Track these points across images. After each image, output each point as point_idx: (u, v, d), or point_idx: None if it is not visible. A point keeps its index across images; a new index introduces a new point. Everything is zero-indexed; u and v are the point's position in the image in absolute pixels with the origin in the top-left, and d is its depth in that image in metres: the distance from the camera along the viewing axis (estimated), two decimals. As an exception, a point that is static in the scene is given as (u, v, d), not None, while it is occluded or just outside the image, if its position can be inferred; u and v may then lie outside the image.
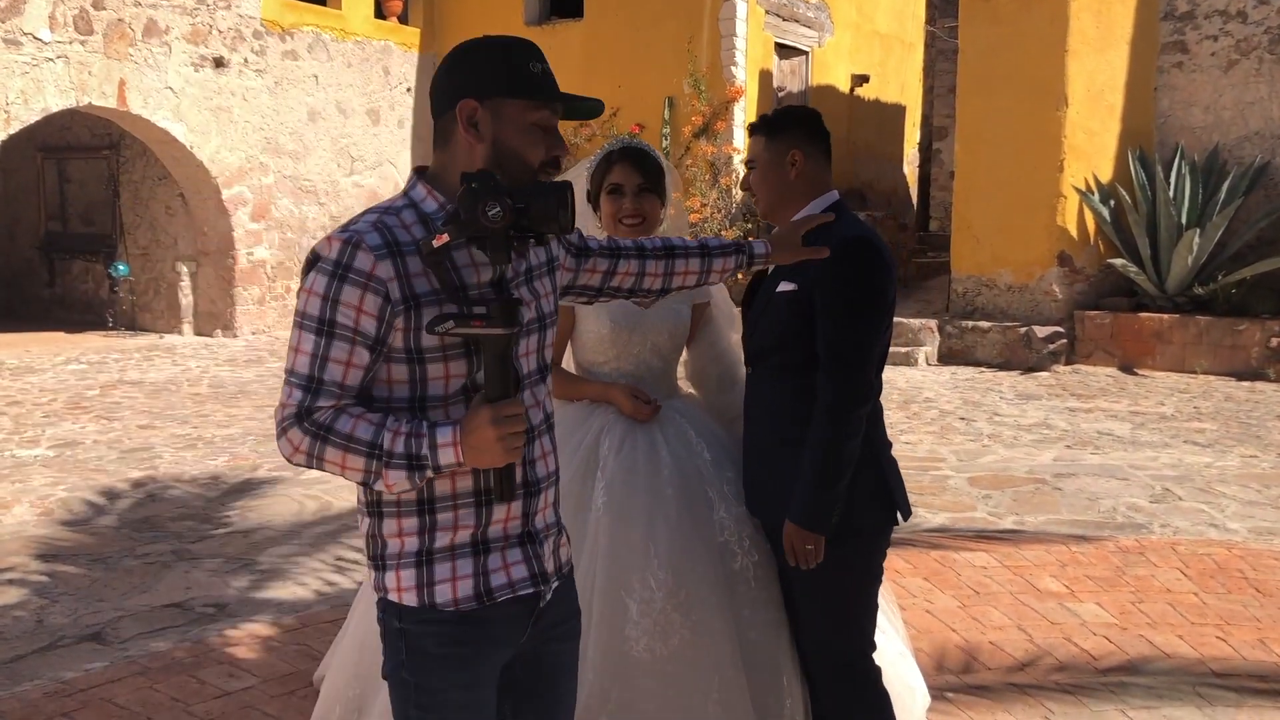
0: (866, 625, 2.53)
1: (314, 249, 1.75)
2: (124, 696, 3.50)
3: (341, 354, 1.71)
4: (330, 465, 1.72)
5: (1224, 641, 4.03)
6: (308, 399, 1.71)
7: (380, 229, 1.74)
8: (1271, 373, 10.34)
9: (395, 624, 1.83)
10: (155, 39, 12.17)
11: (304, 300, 1.73)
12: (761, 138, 2.59)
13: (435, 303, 1.73)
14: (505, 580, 1.84)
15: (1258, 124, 11.54)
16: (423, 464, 1.70)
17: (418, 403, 1.78)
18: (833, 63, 15.97)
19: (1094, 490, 6.28)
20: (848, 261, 2.42)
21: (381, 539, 1.83)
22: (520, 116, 1.79)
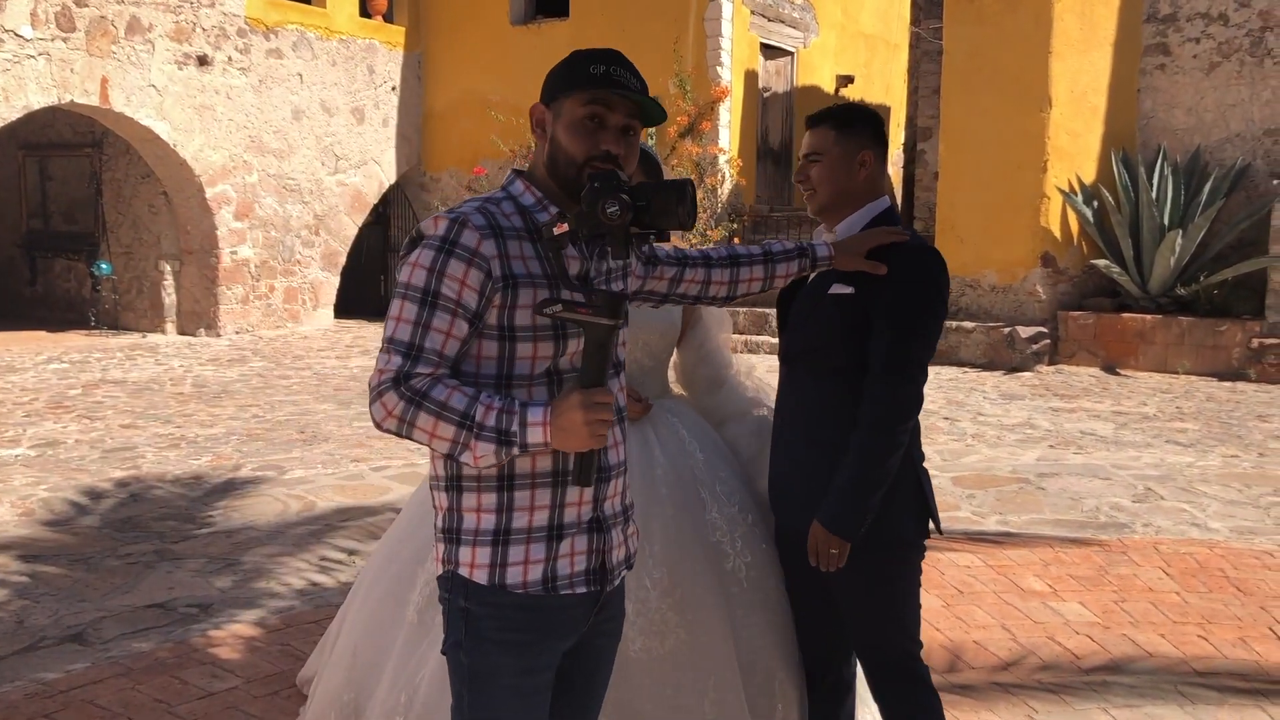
0: (912, 628, 2.51)
1: (418, 228, 1.85)
2: (106, 697, 3.48)
3: (443, 324, 1.79)
4: (420, 432, 1.77)
5: (1205, 640, 4.05)
6: (407, 364, 1.78)
7: (484, 213, 1.85)
8: (1252, 373, 10.42)
9: (460, 602, 1.88)
10: (138, 36, 12.11)
11: (408, 272, 1.81)
12: (831, 132, 2.50)
13: (530, 285, 1.82)
14: (569, 570, 1.89)
15: (1239, 126, 11.62)
16: (511, 440, 1.76)
17: (504, 380, 1.85)
18: (818, 63, 16.01)
19: (1077, 490, 6.31)
20: (916, 271, 2.39)
21: (459, 513, 1.88)
22: (571, 111, 1.87)
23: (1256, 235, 11.05)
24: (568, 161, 1.87)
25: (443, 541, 1.92)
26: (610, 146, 1.86)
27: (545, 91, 1.93)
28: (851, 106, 2.57)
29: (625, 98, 1.87)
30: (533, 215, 1.89)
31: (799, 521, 2.49)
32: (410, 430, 1.78)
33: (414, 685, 2.56)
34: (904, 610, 2.49)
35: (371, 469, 6.71)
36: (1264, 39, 11.46)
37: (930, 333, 2.40)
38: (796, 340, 2.53)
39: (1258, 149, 11.54)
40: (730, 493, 2.69)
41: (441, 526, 1.93)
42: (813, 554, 2.40)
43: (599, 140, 1.86)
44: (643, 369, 2.80)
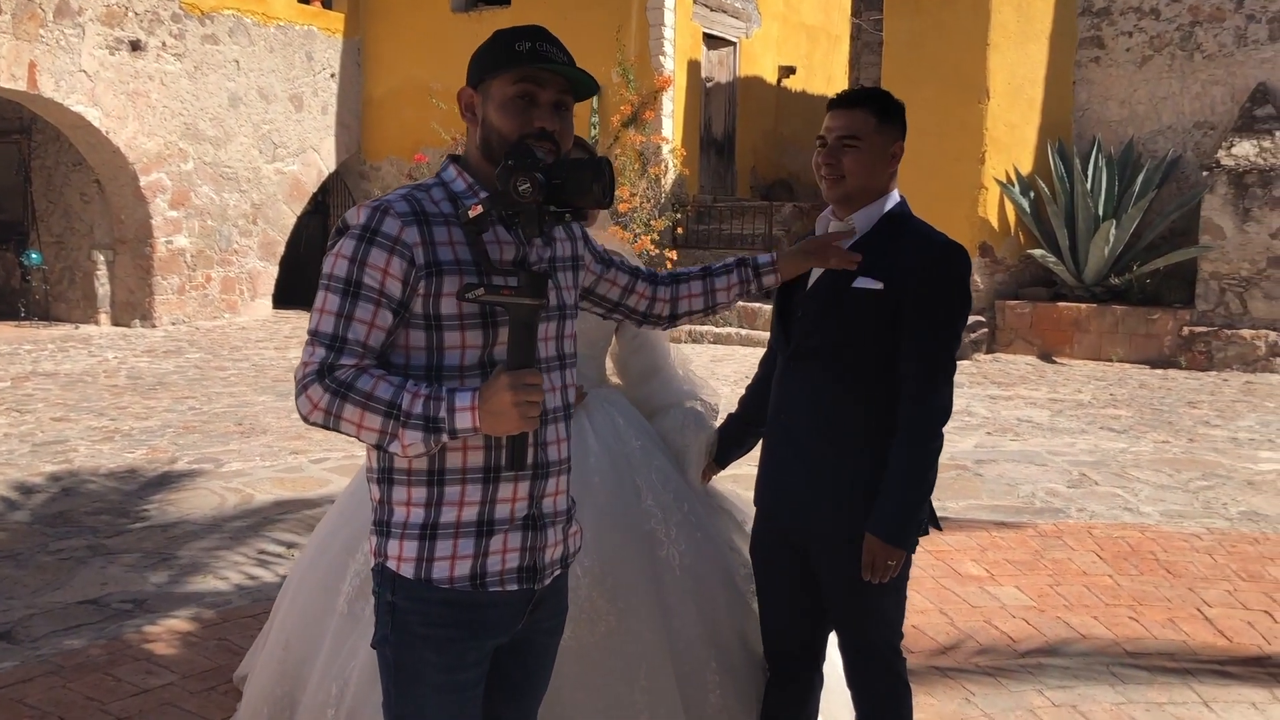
0: (896, 618, 2.50)
1: (343, 218, 1.84)
2: (35, 696, 3.40)
3: (366, 314, 1.78)
4: (347, 424, 1.76)
5: (1136, 621, 4.14)
6: (331, 356, 1.77)
7: (409, 199, 1.83)
8: (1183, 360, 10.66)
9: (388, 597, 1.86)
10: (68, 20, 11.82)
11: (331, 263, 1.80)
12: (872, 118, 2.37)
13: (457, 272, 1.80)
14: (499, 568, 1.86)
15: (1170, 118, 11.86)
16: (439, 426, 1.74)
17: (434, 372, 1.83)
18: (760, 54, 16.06)
19: (1014, 476, 6.41)
20: (952, 269, 2.35)
21: (390, 505, 1.87)
22: (501, 92, 1.85)
23: (1187, 225, 11.30)
24: (502, 142, 1.84)
25: (375, 534, 1.91)
26: (544, 123, 1.84)
27: (471, 74, 1.90)
28: (887, 93, 2.46)
29: (555, 72, 1.84)
30: (463, 201, 1.87)
31: (806, 520, 2.44)
32: (337, 422, 1.77)
33: (345, 676, 2.54)
34: (893, 607, 2.49)
35: (310, 461, 6.63)
36: (1194, 33, 11.70)
37: (961, 329, 2.38)
38: (812, 336, 2.42)
39: (1188, 141, 11.79)
40: (665, 481, 2.68)
41: (374, 519, 1.91)
42: (867, 568, 2.32)
43: (532, 118, 1.84)
44: (579, 358, 2.79)
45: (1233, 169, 10.78)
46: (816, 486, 2.42)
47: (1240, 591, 4.46)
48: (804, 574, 2.50)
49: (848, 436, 2.39)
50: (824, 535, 2.43)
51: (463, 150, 1.96)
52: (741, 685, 2.64)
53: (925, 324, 2.32)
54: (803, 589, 2.51)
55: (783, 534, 2.52)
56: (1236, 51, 11.53)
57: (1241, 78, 11.50)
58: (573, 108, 1.91)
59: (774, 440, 2.54)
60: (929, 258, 2.34)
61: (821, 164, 2.41)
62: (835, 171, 2.38)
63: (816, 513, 2.43)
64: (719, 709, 2.59)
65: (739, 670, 2.65)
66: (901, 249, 2.36)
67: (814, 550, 2.47)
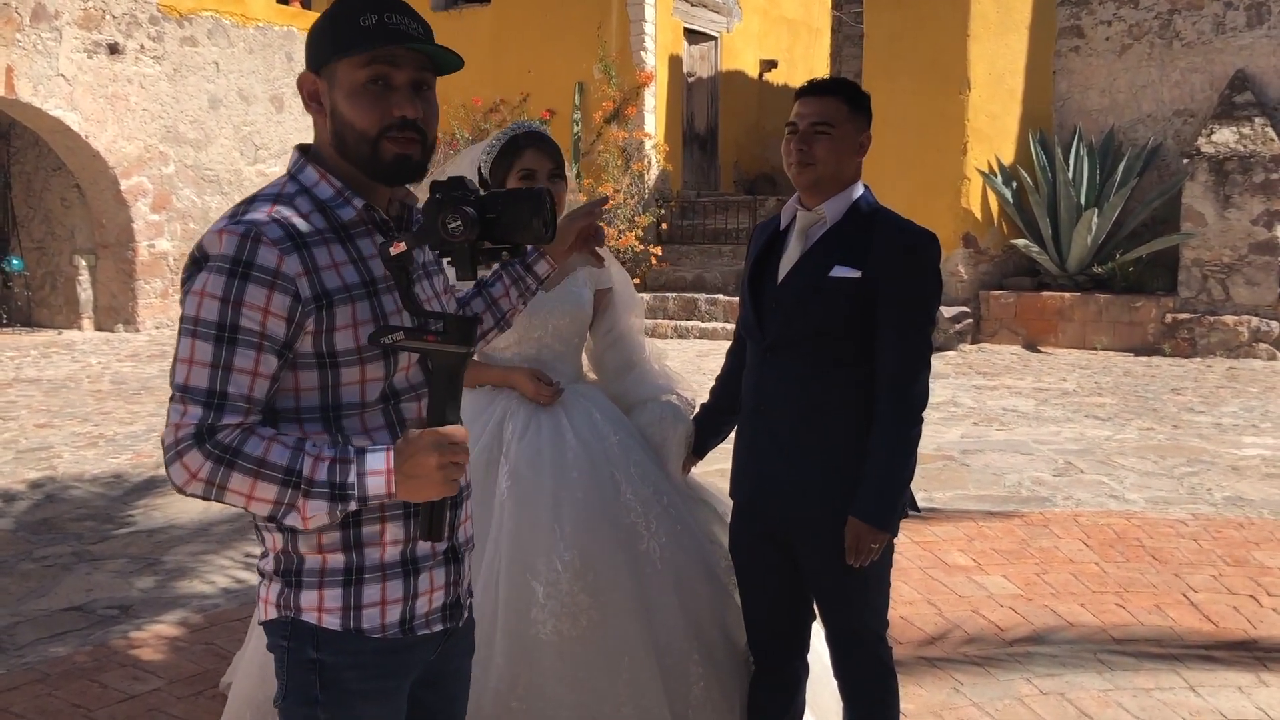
0: (883, 610, 2.52)
1: (200, 246, 1.56)
2: (20, 705, 3.38)
3: (247, 362, 1.53)
4: (234, 495, 1.52)
5: (1123, 608, 4.16)
6: (209, 416, 1.51)
7: (278, 219, 1.57)
8: (1167, 348, 10.70)
9: (310, 654, 1.64)
10: (44, 24, 11.74)
11: (196, 304, 1.53)
12: (844, 106, 2.37)
13: (348, 301, 1.59)
14: (426, 609, 1.71)
15: (1150, 107, 11.91)
16: (347, 494, 1.52)
17: (330, 412, 1.61)
18: (741, 48, 16.07)
19: (1000, 465, 6.43)
20: (923, 253, 2.36)
21: (296, 554, 1.64)
22: (350, 77, 1.60)
23: (1168, 213, 11.35)
24: (359, 138, 1.60)
25: (277, 583, 1.66)
26: (405, 111, 1.60)
27: (311, 56, 1.64)
28: (853, 82, 2.47)
29: (411, 49, 1.60)
30: (335, 212, 1.62)
31: (787, 511, 2.45)
32: (221, 494, 1.52)
33: None
34: (877, 594, 2.50)
35: (297, 463, 6.60)
36: (1172, 21, 11.75)
37: (935, 317, 2.43)
38: (788, 327, 2.41)
39: (1168, 129, 11.83)
40: (644, 474, 2.68)
41: (273, 569, 1.66)
42: (851, 551, 2.34)
43: (390, 106, 1.59)
44: (553, 354, 2.79)
45: (1213, 156, 10.83)
46: (798, 476, 2.43)
47: (1225, 576, 4.48)
48: (786, 564, 2.51)
49: (828, 425, 2.40)
50: (807, 524, 2.44)
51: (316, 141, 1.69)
52: (724, 677, 2.65)
53: (901, 311, 2.34)
54: (785, 579, 2.53)
55: (764, 525, 2.53)
56: (1215, 39, 11.57)
57: (1220, 65, 11.55)
58: (435, 86, 1.67)
59: (751, 432, 2.54)
60: (902, 245, 2.37)
61: (793, 149, 2.41)
62: (806, 157, 2.39)
63: (800, 502, 2.44)
64: (702, 701, 2.59)
65: (722, 662, 2.65)
66: (873, 237, 2.38)
67: (797, 540, 2.48)
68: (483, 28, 14.68)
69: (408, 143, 1.62)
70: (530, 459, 2.61)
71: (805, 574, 2.50)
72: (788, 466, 2.45)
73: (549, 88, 14.13)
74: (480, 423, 2.69)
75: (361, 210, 1.64)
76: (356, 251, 1.63)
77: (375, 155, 1.61)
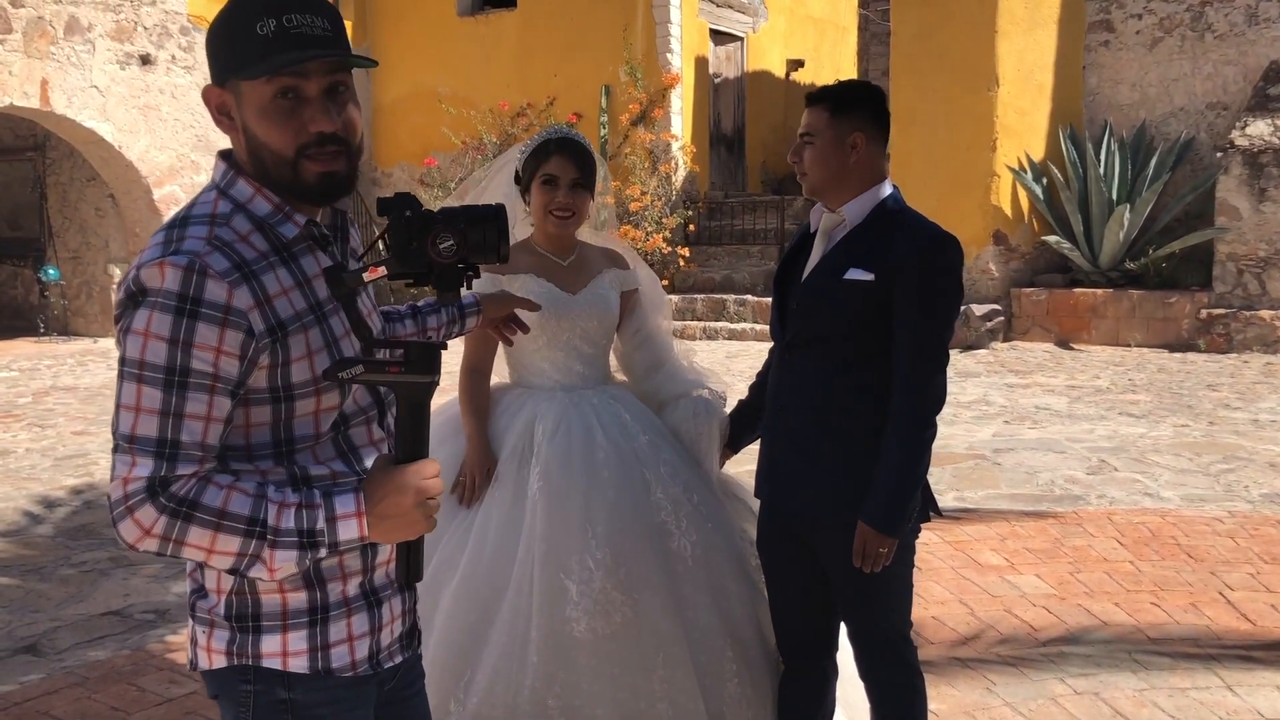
0: (904, 610, 2.51)
1: (136, 280, 1.41)
2: (60, 708, 3.43)
3: (200, 407, 1.41)
4: (193, 550, 1.40)
5: (1158, 607, 4.12)
6: (162, 468, 1.39)
7: (220, 247, 1.43)
8: (1202, 343, 10.58)
9: (280, 694, 1.54)
10: (78, 37, 11.90)
11: (140, 346, 1.40)
12: (824, 112, 2.41)
13: (301, 329, 1.48)
14: (390, 639, 1.64)
15: (1182, 100, 11.78)
16: (317, 541, 1.42)
17: (283, 446, 1.51)
18: (767, 48, 16.04)
19: (1032, 464, 6.38)
20: (940, 255, 2.35)
21: (252, 596, 1.52)
22: (257, 95, 1.46)
23: (1202, 208, 11.22)
24: (277, 160, 1.48)
25: (226, 630, 1.53)
26: (322, 126, 1.47)
27: (214, 69, 1.50)
28: (850, 85, 2.49)
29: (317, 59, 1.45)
30: (275, 230, 1.50)
31: (805, 510, 2.47)
32: (178, 549, 1.40)
33: None
34: (897, 595, 2.49)
35: (329, 468, 6.65)
36: (1204, 14, 11.62)
37: (953, 318, 2.40)
38: (805, 328, 2.45)
39: (1201, 122, 11.70)
40: (674, 473, 2.69)
41: (224, 614, 1.53)
42: (858, 555, 2.35)
43: (304, 121, 1.46)
44: (582, 357, 2.80)
45: (1247, 149, 10.70)
46: (814, 477, 2.44)
47: (1263, 574, 4.42)
48: (811, 564, 2.51)
49: (843, 427, 2.41)
50: (824, 525, 2.45)
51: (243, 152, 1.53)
52: (759, 674, 2.66)
53: (916, 313, 2.33)
54: (811, 579, 2.53)
55: (786, 525, 2.54)
56: (1248, 30, 11.44)
57: (1254, 57, 11.41)
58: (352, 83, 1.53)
59: (771, 431, 2.57)
60: (920, 247, 2.35)
61: (791, 161, 2.51)
62: (800, 168, 2.47)
63: (816, 503, 2.45)
64: (737, 698, 2.60)
65: (756, 659, 2.66)
66: (893, 239, 2.37)
67: (816, 540, 2.48)
68: (509, 32, 14.74)
69: (331, 158, 1.49)
70: (561, 459, 2.63)
71: (826, 573, 2.50)
72: (804, 466, 2.46)
73: (575, 91, 14.16)
74: (511, 424, 2.72)
75: (304, 227, 1.53)
76: (301, 273, 1.51)
77: (297, 176, 1.48)
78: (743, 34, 15.60)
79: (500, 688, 2.45)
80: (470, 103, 14.49)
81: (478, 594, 2.54)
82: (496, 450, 2.69)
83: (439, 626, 2.52)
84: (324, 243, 1.56)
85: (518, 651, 2.47)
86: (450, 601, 2.54)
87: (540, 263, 2.78)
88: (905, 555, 2.47)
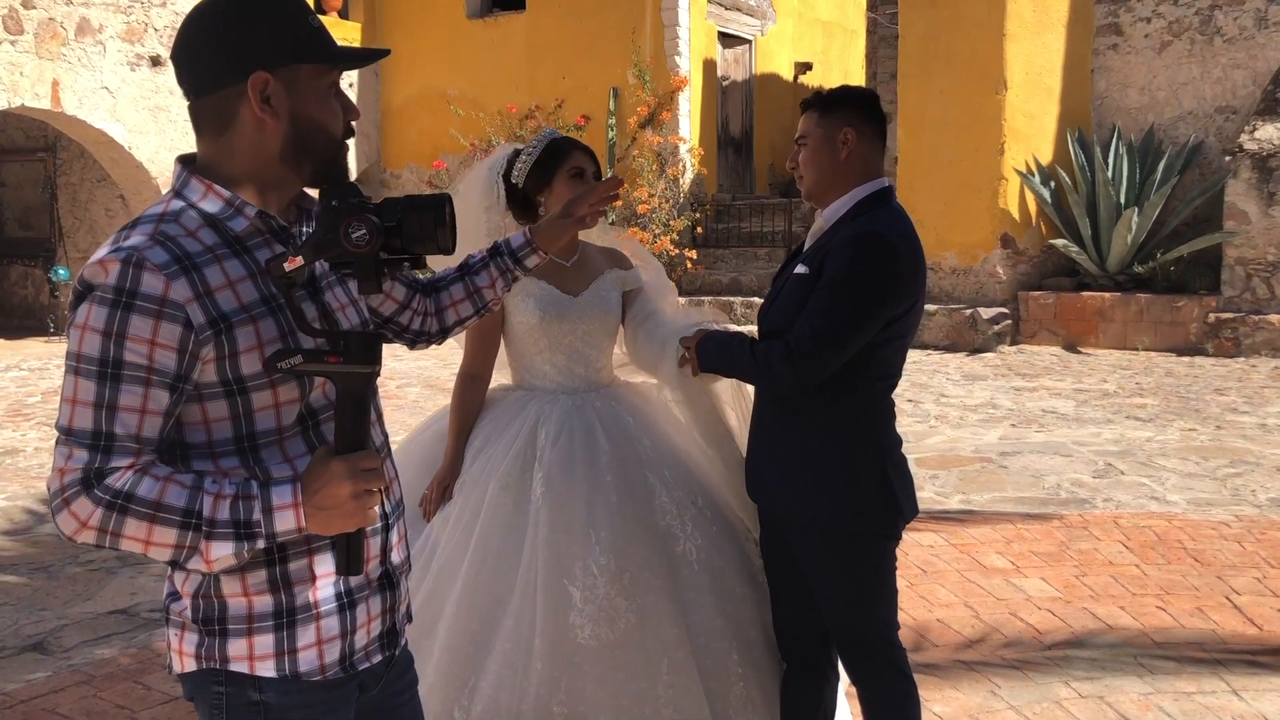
0: (884, 614, 2.50)
1: (82, 276, 1.44)
2: (67, 706, 3.45)
3: (133, 400, 1.41)
4: (130, 542, 1.41)
5: (1164, 611, 4.11)
6: (96, 459, 1.40)
7: (163, 241, 1.45)
8: (1210, 347, 10.55)
9: (252, 695, 1.54)
10: (89, 38, 11.95)
11: (77, 339, 1.42)
12: (814, 114, 2.47)
13: (249, 322, 1.48)
14: (365, 641, 1.62)
15: (1190, 104, 11.76)
16: (254, 533, 1.42)
17: (246, 442, 1.50)
18: (776, 51, 16.05)
19: (1039, 467, 6.37)
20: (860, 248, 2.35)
21: (218, 599, 1.52)
22: (316, 82, 1.54)
23: (1210, 211, 11.19)
24: (330, 141, 1.55)
25: (195, 634, 1.54)
26: (355, 117, 1.61)
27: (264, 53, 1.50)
28: (840, 88, 2.54)
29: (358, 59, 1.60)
30: (225, 225, 1.51)
31: (778, 506, 2.50)
32: (115, 541, 1.41)
33: None
34: (874, 597, 2.49)
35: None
36: (1213, 17, 11.59)
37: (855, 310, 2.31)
38: (766, 322, 2.53)
39: (1210, 126, 11.67)
40: (678, 478, 2.69)
41: (191, 616, 1.54)
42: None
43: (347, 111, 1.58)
44: (584, 359, 2.80)
45: (1256, 153, 10.67)
46: (783, 473, 2.47)
47: (1270, 579, 4.41)
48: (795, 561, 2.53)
49: (804, 422, 2.43)
50: (795, 522, 2.47)
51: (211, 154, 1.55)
52: (765, 678, 2.65)
53: (824, 291, 2.34)
54: (795, 574, 2.54)
55: (769, 520, 2.57)
56: (1258, 34, 11.41)
57: (1263, 60, 11.38)
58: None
59: (752, 428, 2.61)
60: (844, 236, 2.37)
61: (789, 167, 2.58)
62: (797, 171, 2.53)
63: (785, 499, 2.47)
64: (743, 701, 2.60)
65: (761, 663, 2.66)
66: (836, 236, 2.40)
67: (791, 539, 2.51)
68: (517, 34, 14.76)
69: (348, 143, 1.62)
70: (564, 464, 2.63)
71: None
72: (772, 463, 2.50)
73: (584, 93, 14.18)
74: (514, 428, 2.72)
75: (255, 219, 1.53)
76: (255, 264, 1.51)
77: (338, 157, 1.57)
78: (751, 37, 15.61)
79: (505, 695, 2.45)
80: (479, 105, 14.52)
81: (481, 601, 2.53)
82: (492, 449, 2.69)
83: (443, 633, 2.52)
84: (281, 234, 1.56)
85: (522, 658, 2.47)
86: (454, 608, 2.54)
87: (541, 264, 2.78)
88: (880, 558, 2.48)
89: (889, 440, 2.47)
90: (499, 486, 2.63)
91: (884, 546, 2.47)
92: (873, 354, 2.38)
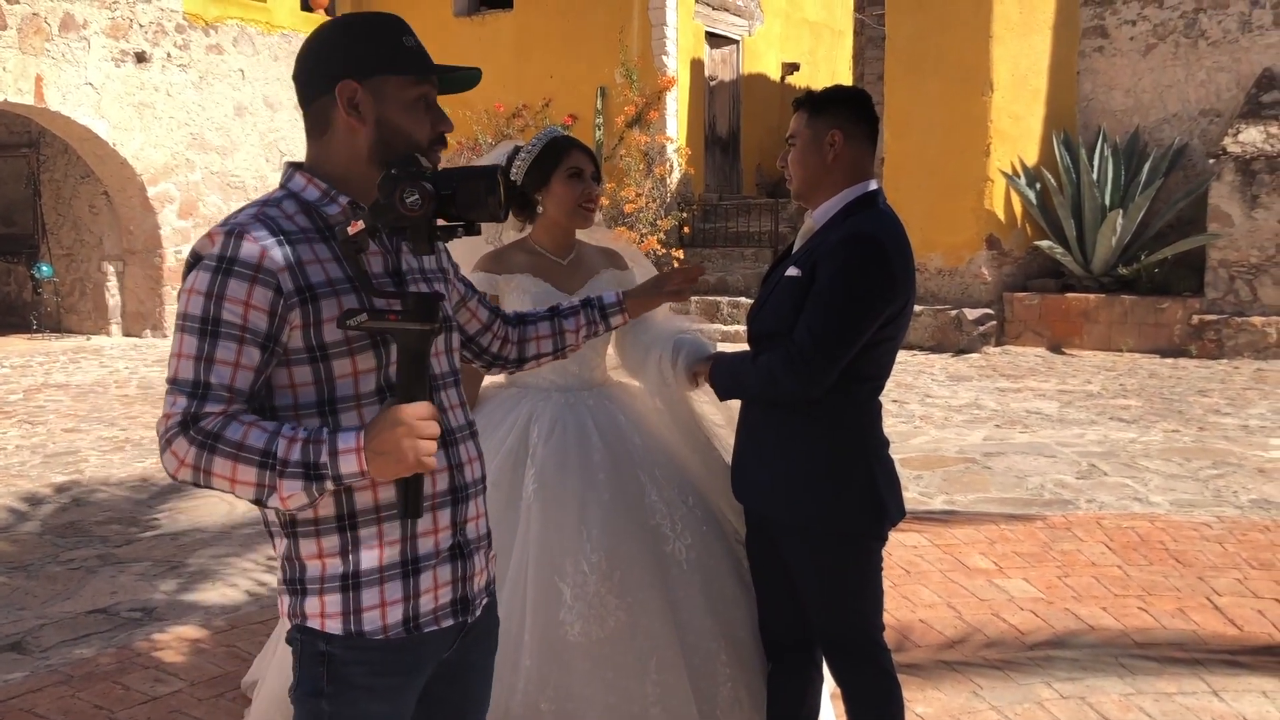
0: (869, 615, 2.50)
1: (194, 248, 1.65)
2: (45, 706, 3.42)
3: (229, 354, 1.59)
4: (219, 480, 1.57)
5: (1145, 612, 4.12)
6: (194, 405, 1.58)
7: (263, 219, 1.64)
8: (1193, 349, 10.60)
9: (320, 647, 1.70)
10: (73, 33, 11.88)
11: (185, 300, 1.61)
12: (804, 114, 2.47)
13: (333, 294, 1.64)
14: (432, 606, 1.74)
15: (1175, 106, 11.81)
16: (321, 473, 1.55)
17: (327, 406, 1.66)
18: (763, 51, 16.05)
19: (1022, 468, 6.39)
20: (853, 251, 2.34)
21: (299, 561, 1.70)
22: (403, 93, 1.71)
23: (1194, 214, 11.24)
24: (410, 145, 1.70)
25: (286, 594, 1.73)
26: (446, 128, 1.76)
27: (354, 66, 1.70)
28: (834, 88, 2.53)
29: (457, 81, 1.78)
30: (320, 211, 1.70)
31: (765, 508, 2.50)
32: (207, 478, 1.58)
33: None
34: (858, 599, 2.49)
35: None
36: (1197, 20, 11.65)
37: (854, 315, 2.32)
38: (756, 325, 2.54)
39: (1194, 129, 11.73)
40: (669, 477, 2.69)
41: (284, 578, 1.73)
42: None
43: (435, 122, 1.74)
44: (578, 357, 2.80)
45: (1240, 156, 10.72)
46: (770, 475, 2.47)
47: (1251, 580, 4.43)
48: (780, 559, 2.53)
49: (792, 425, 2.43)
50: (782, 523, 2.47)
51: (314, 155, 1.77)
52: (753, 677, 2.66)
53: (819, 300, 2.33)
54: (786, 576, 2.54)
55: (755, 519, 2.57)
56: (1242, 38, 11.46)
57: (1247, 64, 11.44)
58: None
59: (740, 427, 2.60)
60: (836, 239, 2.37)
61: (779, 167, 2.58)
62: (788, 172, 2.53)
63: (772, 501, 2.47)
64: (731, 701, 2.60)
65: (750, 663, 2.66)
66: (827, 238, 2.40)
67: (778, 539, 2.50)
68: (505, 33, 14.74)
69: (440, 153, 1.77)
70: (556, 461, 2.63)
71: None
72: (760, 465, 2.49)
73: (571, 93, 14.16)
74: (506, 424, 2.71)
75: (346, 206, 1.70)
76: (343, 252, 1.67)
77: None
78: (738, 37, 15.61)
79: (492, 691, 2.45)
80: (466, 103, 14.45)
81: None
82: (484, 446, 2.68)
83: None
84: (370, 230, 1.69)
85: (510, 654, 2.47)
86: None
87: (538, 262, 2.78)
88: (866, 559, 2.48)
89: (876, 442, 2.48)
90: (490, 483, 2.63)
91: (870, 548, 2.47)
92: (864, 355, 2.38)
